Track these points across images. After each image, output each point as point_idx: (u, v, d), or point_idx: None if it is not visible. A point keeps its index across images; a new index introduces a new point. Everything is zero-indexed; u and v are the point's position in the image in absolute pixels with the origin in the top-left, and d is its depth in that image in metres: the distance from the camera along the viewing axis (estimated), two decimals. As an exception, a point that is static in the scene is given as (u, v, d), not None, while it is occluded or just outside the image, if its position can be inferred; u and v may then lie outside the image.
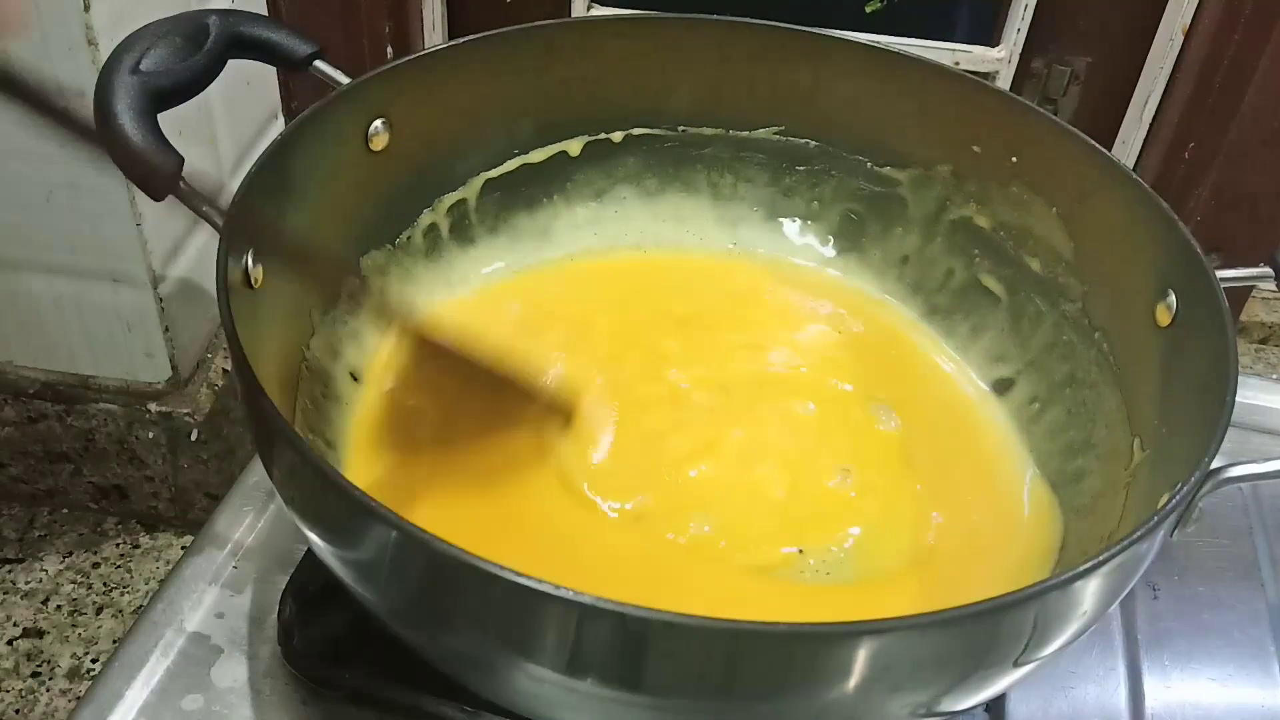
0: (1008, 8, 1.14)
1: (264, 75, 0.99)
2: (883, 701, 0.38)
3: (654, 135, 0.67)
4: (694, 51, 0.64)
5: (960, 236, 0.64)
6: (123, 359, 0.94)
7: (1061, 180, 0.58)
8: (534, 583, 0.34)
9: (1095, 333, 0.57)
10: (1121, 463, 0.52)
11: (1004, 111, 0.60)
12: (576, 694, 0.38)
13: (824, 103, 0.65)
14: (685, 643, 0.36)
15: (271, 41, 0.54)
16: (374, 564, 0.39)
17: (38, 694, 0.92)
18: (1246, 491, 0.63)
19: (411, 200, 0.62)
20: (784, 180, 0.68)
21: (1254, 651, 0.55)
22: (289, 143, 0.51)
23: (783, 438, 0.58)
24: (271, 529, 0.57)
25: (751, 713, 0.38)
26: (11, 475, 1.04)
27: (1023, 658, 0.40)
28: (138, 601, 1.00)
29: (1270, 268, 0.52)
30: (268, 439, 0.42)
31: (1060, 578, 0.37)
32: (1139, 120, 1.19)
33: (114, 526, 1.06)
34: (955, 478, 0.57)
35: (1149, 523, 0.39)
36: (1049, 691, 0.52)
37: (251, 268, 0.47)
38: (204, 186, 0.48)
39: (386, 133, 0.57)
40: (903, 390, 0.61)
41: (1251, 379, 0.69)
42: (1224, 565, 0.59)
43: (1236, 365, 0.45)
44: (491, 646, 0.39)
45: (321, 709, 0.50)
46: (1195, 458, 0.42)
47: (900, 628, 0.36)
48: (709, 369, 0.61)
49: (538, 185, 0.66)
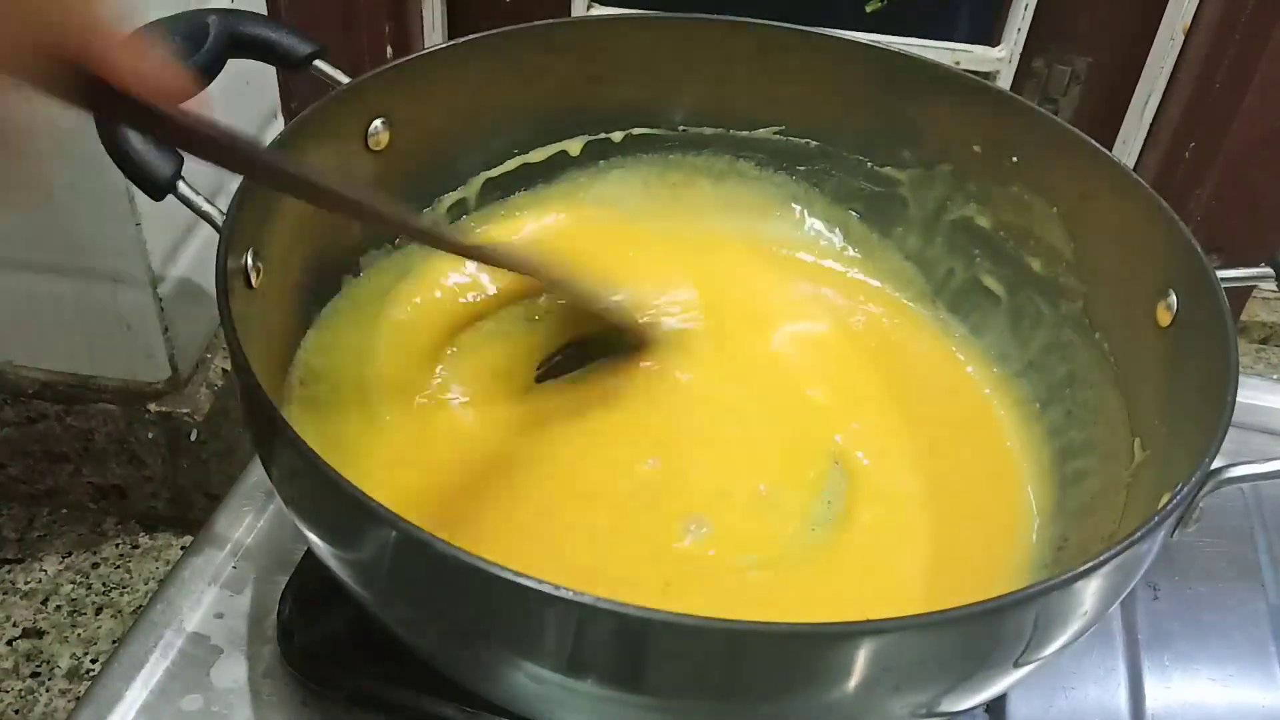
0: (1008, 7, 1.14)
1: (264, 75, 0.99)
2: (883, 702, 0.38)
3: (654, 135, 0.67)
4: (694, 51, 0.64)
5: (961, 236, 0.64)
6: (122, 359, 0.94)
7: (1062, 180, 0.58)
8: (534, 583, 0.34)
9: (1096, 333, 0.57)
10: (1122, 463, 0.52)
11: (1004, 111, 0.60)
12: (576, 694, 0.38)
13: (824, 103, 0.65)
14: (685, 643, 0.36)
15: (271, 41, 0.54)
16: (374, 564, 0.39)
17: (37, 694, 0.92)
18: (1247, 492, 0.63)
19: (411, 200, 0.62)
20: (784, 180, 0.68)
21: (1254, 651, 0.55)
22: (289, 142, 0.51)
23: (778, 432, 0.58)
24: (271, 529, 0.57)
25: (752, 713, 0.38)
26: (11, 475, 1.04)
27: (1023, 658, 0.40)
28: (137, 601, 1.00)
29: (1271, 268, 0.52)
30: (267, 439, 0.42)
31: (1060, 578, 0.37)
32: (1139, 120, 1.19)
33: (113, 526, 1.06)
34: (955, 477, 0.57)
35: (1149, 523, 0.39)
36: (1049, 691, 0.52)
37: (251, 268, 0.47)
38: (204, 186, 0.48)
39: (386, 132, 0.57)
40: (902, 390, 0.61)
41: (1252, 379, 0.69)
42: (1224, 565, 0.59)
43: (1237, 365, 0.45)
44: (491, 646, 0.39)
45: (321, 709, 0.49)
46: (1196, 458, 0.42)
47: (900, 628, 0.36)
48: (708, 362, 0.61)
49: (538, 184, 0.66)
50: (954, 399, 0.61)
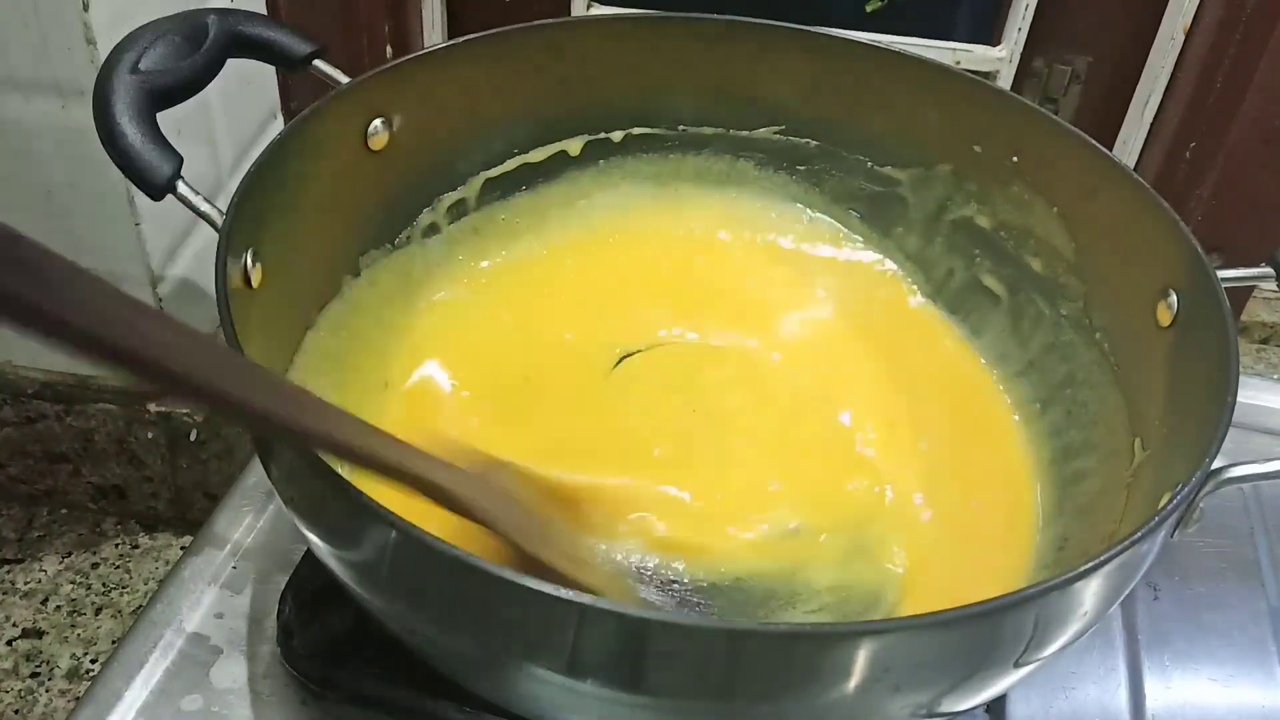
0: (1008, 7, 1.14)
1: (263, 75, 0.99)
2: (883, 702, 0.38)
3: (654, 135, 0.67)
4: (694, 51, 0.64)
5: (961, 236, 0.64)
6: (122, 359, 0.94)
7: (1062, 180, 0.58)
8: (534, 583, 0.34)
9: (1096, 333, 0.57)
10: (1122, 463, 0.52)
11: (1004, 111, 0.60)
12: (577, 695, 0.38)
13: (824, 103, 0.65)
14: (685, 643, 0.36)
15: (271, 41, 0.54)
16: (374, 564, 0.39)
17: (37, 694, 0.92)
18: (1247, 492, 0.63)
19: (411, 200, 0.62)
20: (784, 180, 0.68)
21: (1254, 651, 0.55)
22: (288, 142, 0.51)
23: (775, 431, 0.58)
24: (271, 529, 0.57)
25: (752, 713, 0.38)
26: (10, 475, 1.04)
27: (1023, 658, 0.40)
28: (137, 602, 1.00)
29: (1271, 267, 0.52)
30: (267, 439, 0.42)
31: (1060, 578, 0.37)
32: (1140, 120, 1.19)
33: (113, 527, 1.06)
34: (955, 477, 0.57)
35: (1150, 523, 0.39)
36: (1049, 692, 0.52)
37: (251, 268, 0.47)
38: (203, 186, 0.48)
39: (386, 132, 0.57)
40: (901, 389, 0.61)
41: (1252, 379, 0.69)
42: (1224, 565, 0.59)
43: (1237, 365, 0.45)
44: (491, 647, 0.39)
45: (321, 710, 0.49)
46: (1196, 458, 0.42)
47: (900, 628, 0.36)
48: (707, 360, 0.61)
49: (538, 184, 0.66)
50: (953, 399, 0.61)
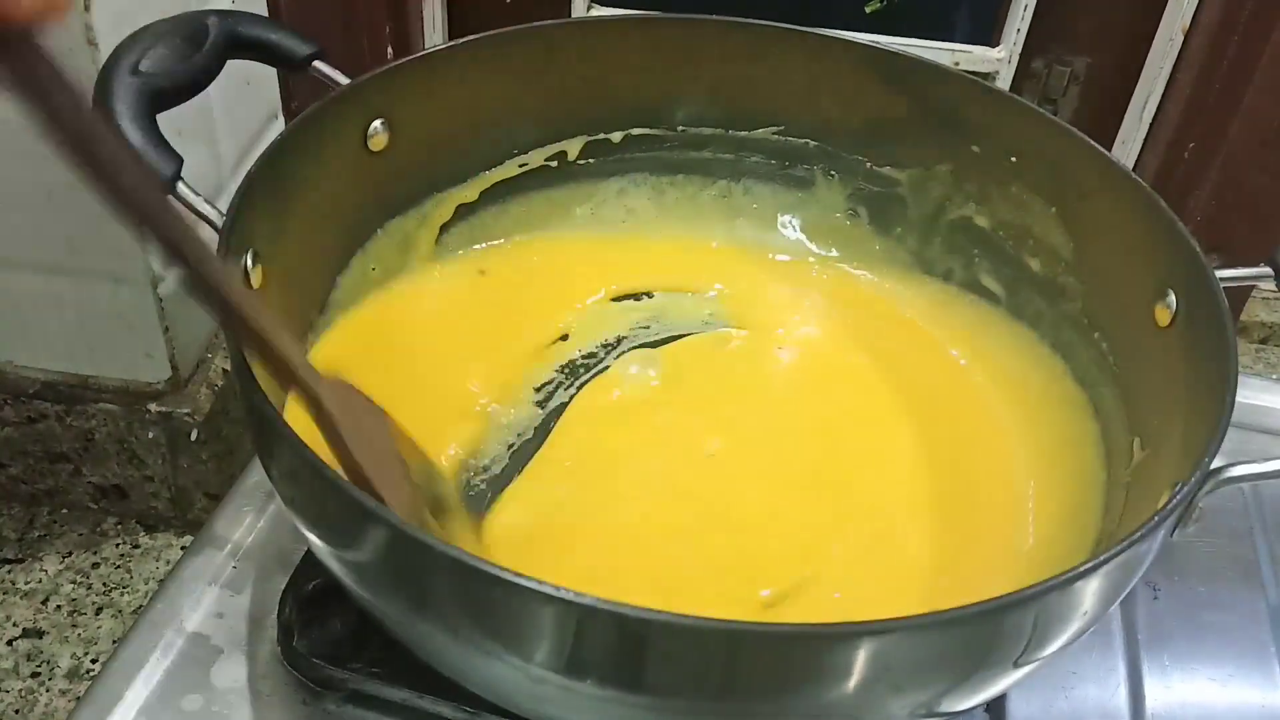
0: (1008, 8, 1.14)
1: (264, 75, 0.99)
2: (883, 702, 0.38)
3: (654, 135, 0.67)
4: (694, 51, 0.64)
5: (960, 236, 0.64)
6: (123, 359, 0.94)
7: (1061, 180, 0.58)
8: (534, 583, 0.34)
9: (1095, 333, 0.57)
10: (1122, 463, 0.52)
11: (1004, 111, 0.60)
12: (576, 694, 0.38)
13: (824, 103, 0.65)
14: (685, 643, 0.36)
15: (271, 42, 0.54)
16: (374, 564, 0.39)
17: (37, 694, 0.92)
18: (1247, 491, 0.63)
19: (411, 200, 0.62)
20: (783, 180, 0.68)
21: (1254, 651, 0.55)
22: (288, 143, 0.51)
23: (777, 436, 0.58)
24: (271, 529, 0.57)
25: (751, 713, 0.38)
26: (11, 475, 1.04)
27: (1023, 658, 0.40)
28: (137, 602, 1.00)
29: (1270, 267, 0.52)
30: (267, 439, 0.42)
31: (1060, 578, 0.37)
32: (1139, 120, 1.19)
33: (114, 526, 1.06)
34: (955, 476, 0.57)
35: (1149, 523, 0.39)
36: (1049, 691, 0.52)
37: (251, 268, 0.47)
38: (204, 187, 0.48)
39: (386, 133, 0.57)
40: (901, 389, 0.61)
41: (1251, 379, 0.69)
42: (1224, 565, 0.59)
43: (1236, 365, 0.45)
44: (491, 647, 0.39)
45: (321, 709, 0.49)
46: (1195, 457, 0.42)
47: (900, 628, 0.36)
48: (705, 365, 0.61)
49: (537, 184, 0.66)
50: (953, 398, 0.61)
